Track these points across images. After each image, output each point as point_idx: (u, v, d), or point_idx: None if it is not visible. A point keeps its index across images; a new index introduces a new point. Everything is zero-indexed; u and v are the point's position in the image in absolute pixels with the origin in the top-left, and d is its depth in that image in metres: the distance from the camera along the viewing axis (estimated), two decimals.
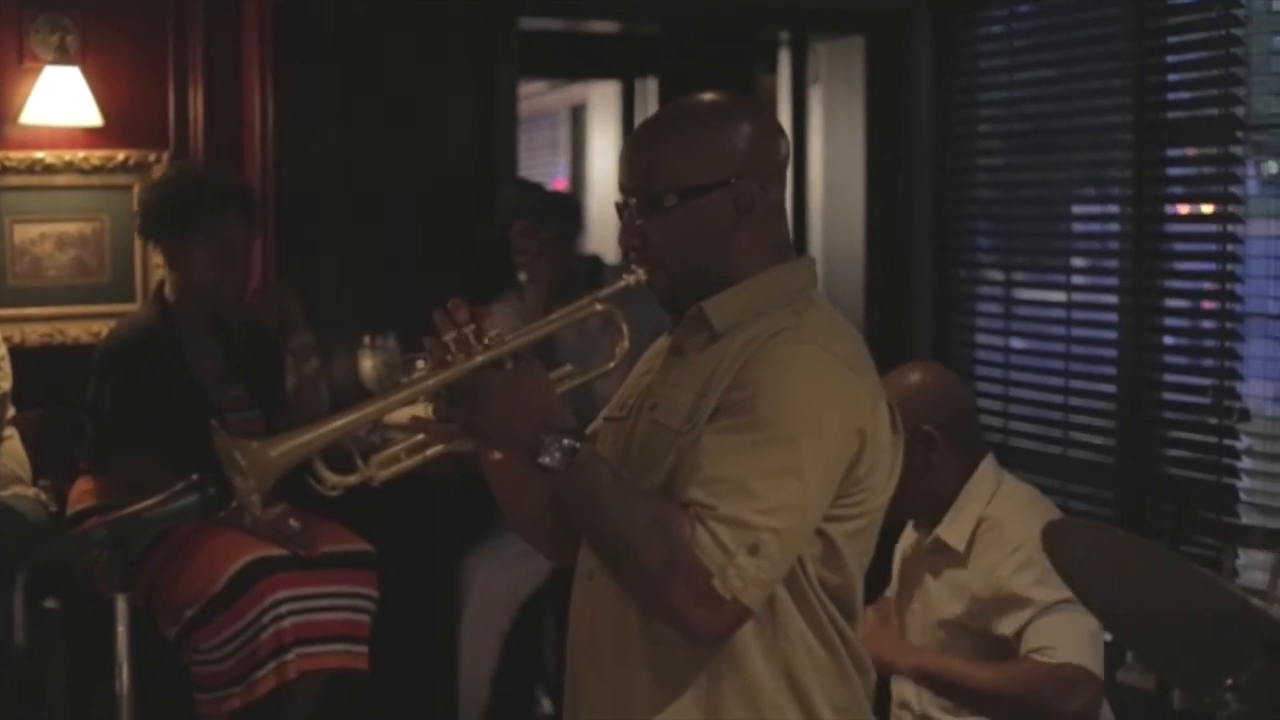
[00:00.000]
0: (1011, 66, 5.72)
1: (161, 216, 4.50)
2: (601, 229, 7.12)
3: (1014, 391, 5.64)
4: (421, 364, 2.28)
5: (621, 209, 2.41)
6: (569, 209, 5.60)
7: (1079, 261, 5.57)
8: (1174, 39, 5.06)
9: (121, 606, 2.41)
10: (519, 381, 2.23)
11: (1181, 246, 5.10)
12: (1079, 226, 5.65)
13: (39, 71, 4.92)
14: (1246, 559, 4.50)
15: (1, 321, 4.92)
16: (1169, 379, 5.03)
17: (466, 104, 5.49)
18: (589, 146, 9.20)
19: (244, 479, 2.20)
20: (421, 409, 2.32)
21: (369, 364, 4.98)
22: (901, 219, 6.00)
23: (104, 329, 4.89)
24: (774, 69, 6.71)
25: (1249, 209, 4.77)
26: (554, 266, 5.23)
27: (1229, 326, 4.79)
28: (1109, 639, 3.08)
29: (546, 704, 5.38)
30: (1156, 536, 4.50)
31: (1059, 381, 5.43)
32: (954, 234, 5.91)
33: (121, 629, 2.40)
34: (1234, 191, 4.77)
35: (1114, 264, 5.25)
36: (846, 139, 6.15)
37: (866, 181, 6.04)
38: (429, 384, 2.24)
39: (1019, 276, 5.75)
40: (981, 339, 5.86)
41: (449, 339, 2.23)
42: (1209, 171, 4.95)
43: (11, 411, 4.48)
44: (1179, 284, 5.12)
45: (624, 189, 2.41)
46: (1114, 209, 5.34)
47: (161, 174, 4.90)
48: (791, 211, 4.91)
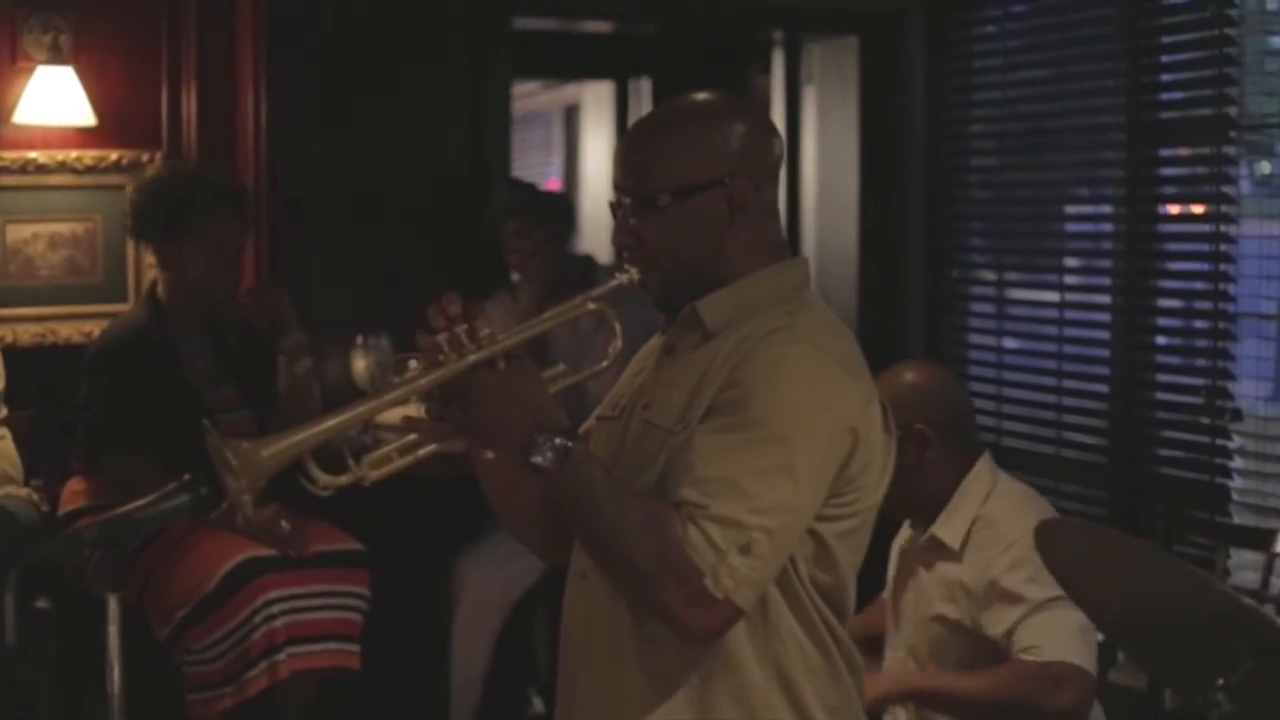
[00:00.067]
0: (1005, 67, 5.73)
1: (153, 216, 4.49)
2: (595, 229, 7.13)
3: (1007, 391, 5.64)
4: (414, 364, 2.27)
5: (615, 208, 2.40)
6: (562, 209, 5.59)
7: (1072, 261, 5.58)
8: (1167, 39, 5.07)
9: (113, 606, 2.40)
10: (512, 381, 2.23)
11: (1174, 246, 5.11)
12: (1072, 226, 5.65)
13: (32, 71, 4.91)
14: (1238, 559, 4.50)
15: None
16: (1162, 379, 5.04)
17: (460, 104, 5.49)
18: (582, 147, 9.19)
19: (236, 479, 2.19)
20: (414, 409, 2.31)
21: (361, 364, 4.97)
22: (895, 219, 6.01)
23: (96, 329, 4.88)
24: (768, 69, 6.70)
25: (1242, 209, 4.78)
26: (547, 266, 5.22)
27: (1222, 326, 4.80)
28: (1101, 639, 3.08)
29: (539, 704, 5.37)
30: (1149, 536, 4.50)
31: (1052, 381, 5.44)
32: (947, 234, 5.91)
33: (113, 629, 2.40)
34: (1227, 192, 4.78)
35: (1107, 264, 5.26)
36: (840, 139, 6.15)
37: (860, 181, 6.05)
38: (421, 383, 2.24)
39: (1012, 276, 5.76)
40: (974, 339, 5.86)
41: (441, 339, 2.23)
42: (1202, 172, 4.96)
43: (3, 411, 4.47)
44: (1172, 284, 5.13)
45: (618, 188, 2.40)
46: (1107, 209, 5.35)
47: (152, 174, 4.88)
48: (785, 211, 4.91)
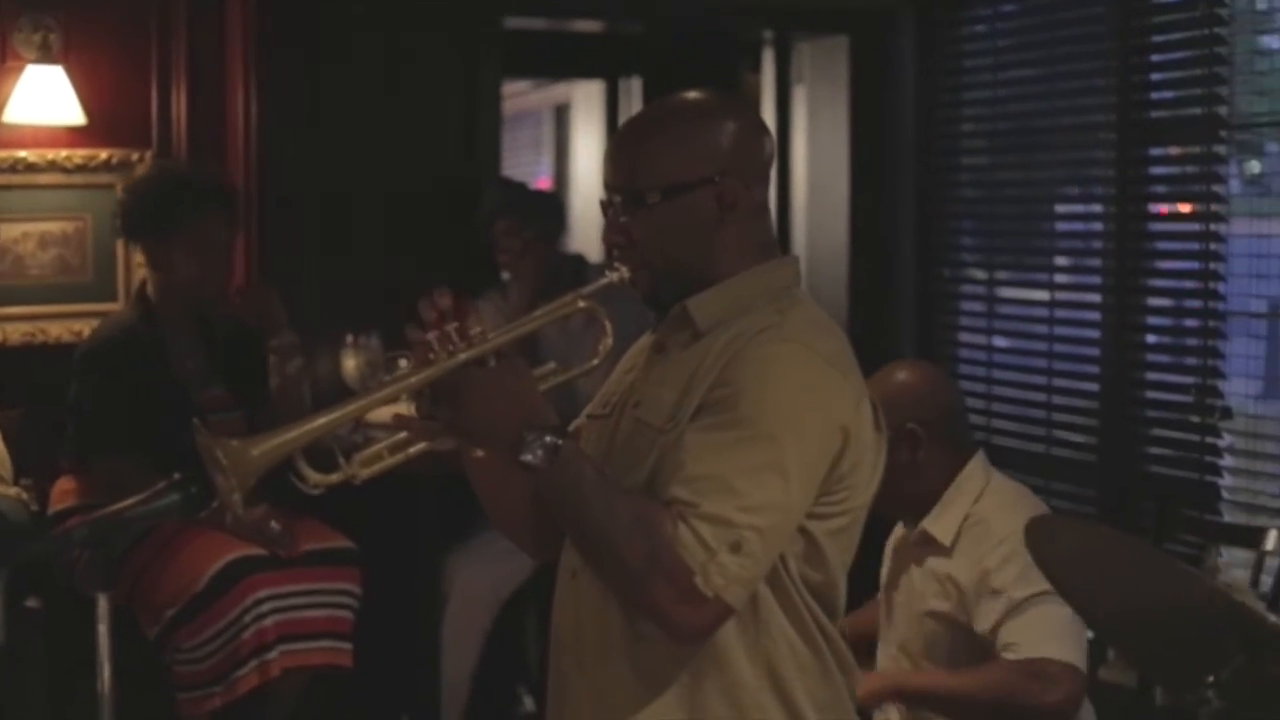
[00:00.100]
0: (995, 66, 5.73)
1: (141, 216, 4.48)
2: (585, 228, 7.12)
3: (997, 390, 5.64)
4: (404, 362, 2.27)
5: (606, 206, 2.40)
6: (552, 208, 5.59)
7: (1062, 260, 5.59)
8: (1158, 38, 5.07)
9: (103, 606, 2.40)
10: (502, 379, 2.23)
11: (1164, 245, 5.11)
12: (1062, 225, 5.66)
13: (21, 70, 4.89)
14: (1228, 556, 4.51)
15: None
16: (1151, 377, 5.04)
17: (451, 103, 5.48)
18: (573, 146, 9.19)
19: (226, 477, 2.18)
20: (404, 407, 2.31)
21: (352, 363, 4.97)
22: (885, 218, 6.01)
23: (86, 328, 4.87)
24: (758, 68, 6.71)
25: (1231, 208, 4.78)
26: (537, 265, 5.22)
27: (1211, 325, 4.80)
28: (1091, 636, 3.08)
29: (529, 702, 5.38)
30: (1139, 534, 4.50)
31: (1042, 380, 5.44)
32: (937, 233, 5.91)
33: (102, 628, 2.39)
34: (1217, 191, 4.78)
35: (1097, 263, 5.27)
36: (830, 138, 6.16)
37: (850, 180, 6.05)
38: (411, 382, 2.23)
39: (1002, 275, 5.76)
40: (965, 337, 5.87)
41: (432, 337, 2.23)
42: (1192, 171, 4.96)
43: None
44: (1162, 283, 5.13)
45: (608, 186, 2.40)
46: (1097, 208, 5.35)
47: (141, 174, 4.84)
48: (775, 210, 4.90)
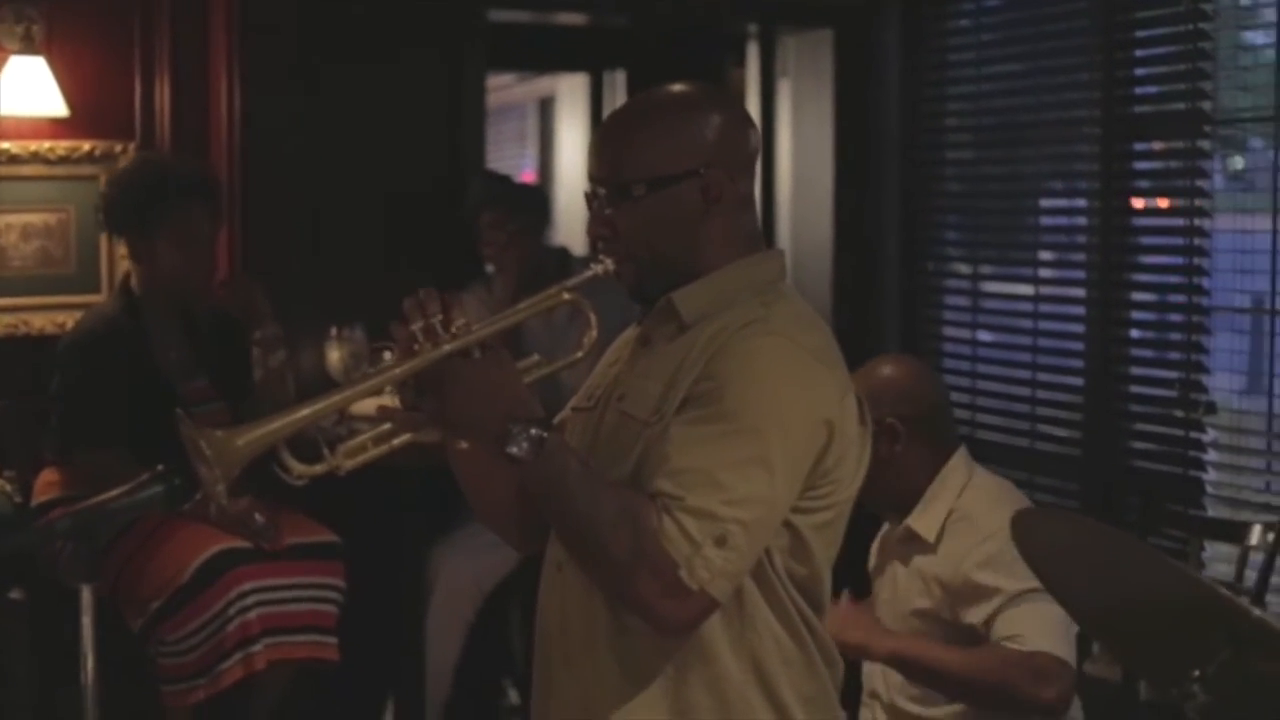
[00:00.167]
0: (979, 60, 5.74)
1: (124, 210, 4.46)
2: (569, 221, 7.10)
3: (981, 384, 5.65)
4: (388, 355, 2.27)
5: (590, 199, 2.39)
6: (537, 201, 5.59)
7: (1046, 255, 5.58)
8: (1141, 33, 5.07)
9: (86, 598, 2.39)
10: (486, 371, 2.22)
11: (1148, 240, 5.12)
12: (1046, 220, 5.66)
13: (4, 62, 4.88)
14: (1212, 551, 4.52)
15: None
16: (1135, 372, 5.05)
17: (435, 96, 5.47)
18: (557, 139, 9.18)
19: (209, 468, 2.18)
20: (388, 399, 2.31)
21: (336, 355, 4.97)
22: (870, 212, 6.01)
23: (69, 320, 4.86)
24: (742, 62, 6.70)
25: (1215, 203, 4.79)
26: (522, 258, 5.22)
27: (1195, 320, 4.81)
28: (1076, 630, 3.09)
29: (514, 695, 5.37)
30: (1123, 529, 4.51)
31: (1026, 374, 5.45)
32: (922, 227, 5.92)
33: (86, 620, 2.39)
34: (1200, 186, 4.79)
35: (1081, 258, 5.27)
36: (815, 132, 6.15)
37: (835, 174, 6.04)
38: (396, 373, 2.23)
39: (986, 270, 5.77)
40: (949, 332, 5.87)
41: (416, 328, 2.22)
42: (1176, 166, 4.97)
43: None
44: (1146, 278, 5.13)
45: (593, 179, 2.40)
46: (1081, 203, 5.36)
47: (122, 166, 4.81)
48: (760, 204, 4.90)
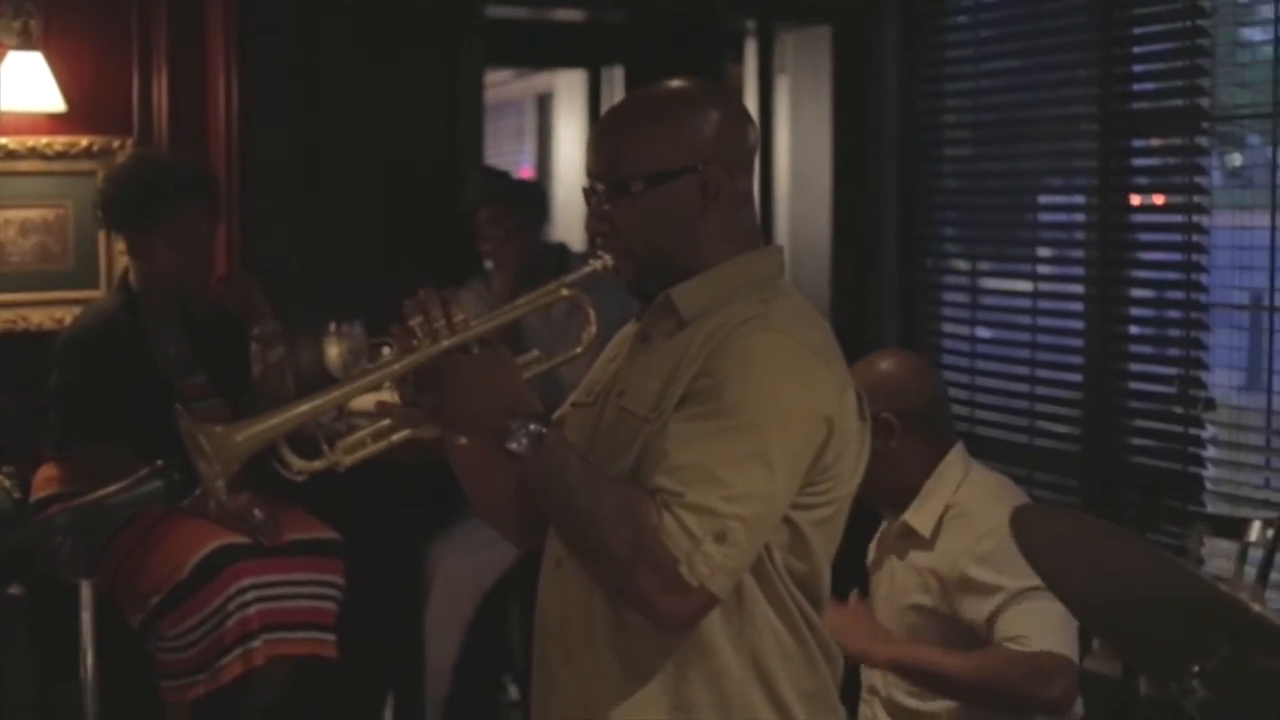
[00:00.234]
0: (978, 57, 5.73)
1: (122, 207, 4.46)
2: (568, 217, 7.10)
3: (980, 381, 5.64)
4: (387, 350, 2.26)
5: (589, 194, 2.39)
6: (535, 197, 5.59)
7: (1045, 251, 5.59)
8: (1140, 30, 5.06)
9: (86, 593, 2.39)
10: (485, 367, 2.22)
11: (1146, 237, 5.11)
12: (1045, 216, 5.66)
13: (1, 56, 4.87)
14: (1212, 547, 4.51)
15: None
16: (1134, 368, 5.04)
17: (433, 92, 5.47)
18: (555, 135, 9.18)
19: (209, 464, 2.18)
20: (387, 394, 2.30)
21: (334, 351, 4.96)
22: (868, 208, 6.00)
23: (67, 315, 4.85)
24: (740, 58, 6.70)
25: (1213, 200, 4.79)
26: (520, 254, 5.22)
27: (1194, 316, 4.80)
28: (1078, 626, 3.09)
29: (513, 690, 5.37)
30: (1122, 525, 4.51)
31: (1025, 371, 5.44)
32: (920, 224, 5.91)
33: (86, 616, 2.39)
34: (1199, 182, 4.78)
35: (1079, 254, 5.27)
36: (813, 128, 6.15)
37: (833, 171, 6.04)
38: (395, 369, 2.23)
39: (985, 266, 5.76)
40: (948, 328, 5.86)
41: (415, 324, 2.22)
42: (1174, 162, 4.96)
43: None
44: (1144, 274, 5.13)
45: (591, 174, 2.40)
46: (1079, 199, 5.35)
47: (120, 163, 4.81)
48: (758, 200, 4.90)
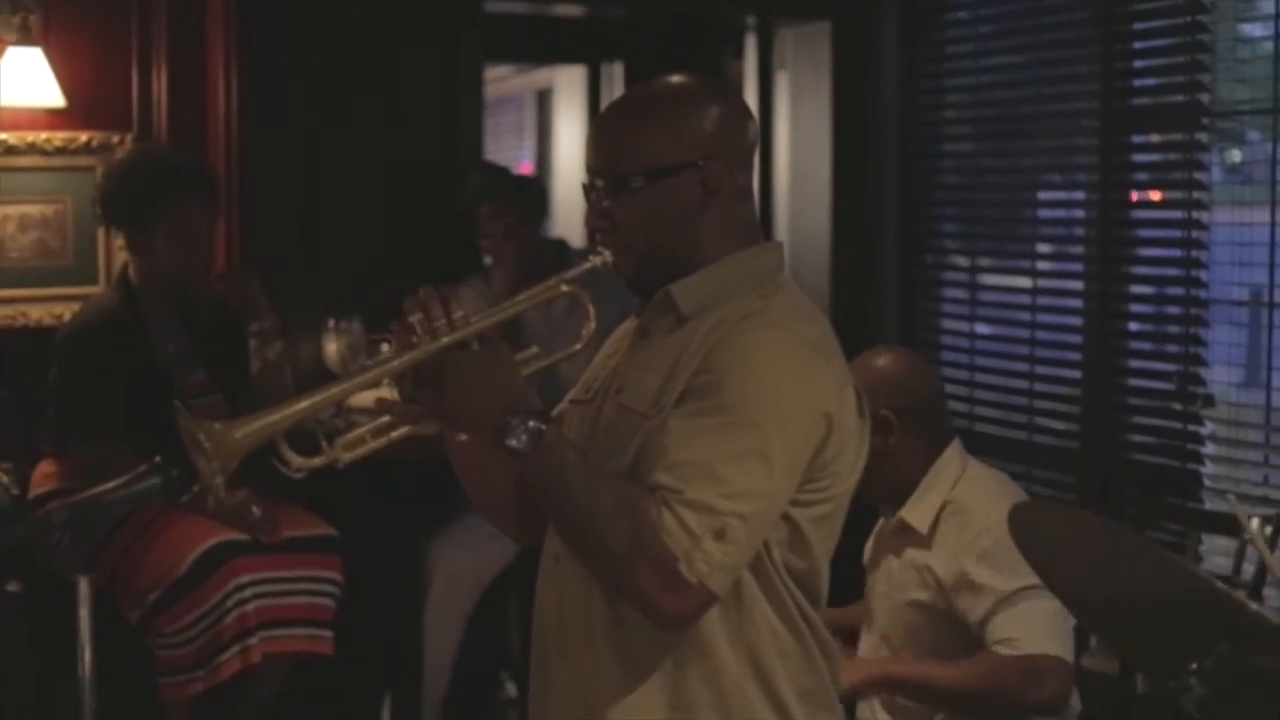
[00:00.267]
0: (978, 52, 5.73)
1: (122, 203, 4.46)
2: (567, 213, 7.11)
3: (979, 377, 5.64)
4: (386, 347, 2.26)
5: (588, 190, 2.39)
6: (535, 193, 5.58)
7: (1044, 247, 5.58)
8: (1140, 26, 5.06)
9: (84, 589, 2.39)
10: (484, 363, 2.22)
11: (1146, 233, 5.11)
12: (1045, 213, 5.65)
13: (1, 52, 4.87)
14: (1210, 544, 4.52)
15: None
16: (1134, 364, 5.04)
17: (432, 87, 5.46)
18: (555, 131, 9.18)
19: (208, 460, 2.17)
20: (386, 391, 2.30)
21: (333, 347, 4.96)
22: (868, 204, 6.00)
23: (66, 311, 4.85)
24: (740, 54, 6.70)
25: (1213, 196, 4.79)
26: (520, 250, 5.22)
27: (1193, 313, 4.80)
28: (1074, 623, 3.08)
29: (511, 687, 5.37)
30: (1121, 522, 4.51)
31: (1024, 367, 5.44)
32: (920, 220, 5.91)
33: (84, 612, 2.39)
34: (1199, 178, 4.78)
35: (1079, 250, 5.27)
36: (813, 124, 6.15)
37: (833, 167, 6.04)
38: (394, 365, 2.22)
39: (985, 262, 5.76)
40: (947, 324, 5.86)
41: (414, 320, 2.22)
42: (1174, 158, 4.95)
43: None
44: (1144, 270, 5.13)
45: (591, 170, 2.39)
46: (1079, 195, 5.35)
47: (119, 158, 4.79)
48: (758, 196, 4.90)
